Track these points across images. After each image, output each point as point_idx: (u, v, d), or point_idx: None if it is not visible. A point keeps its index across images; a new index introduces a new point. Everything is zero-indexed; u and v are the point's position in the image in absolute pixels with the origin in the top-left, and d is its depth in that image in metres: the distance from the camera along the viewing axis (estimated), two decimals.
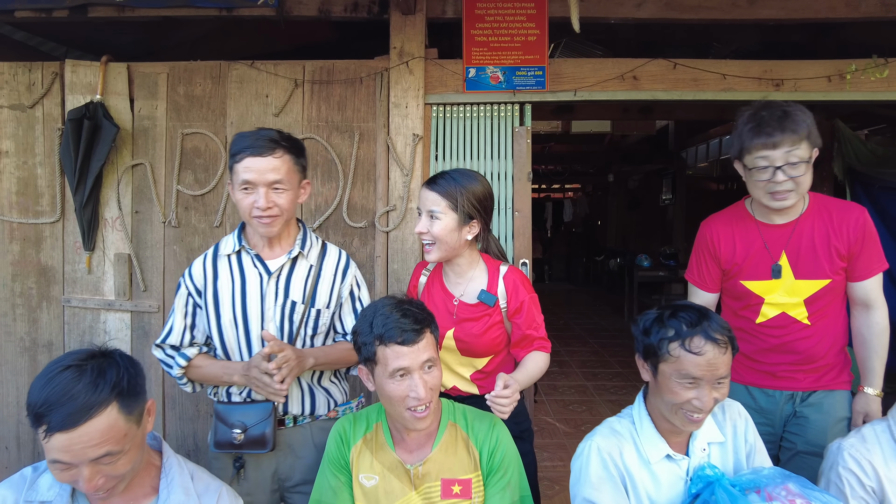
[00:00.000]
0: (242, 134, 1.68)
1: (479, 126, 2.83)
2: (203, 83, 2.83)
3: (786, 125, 1.72)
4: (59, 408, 1.12)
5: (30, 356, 2.89)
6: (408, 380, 1.43)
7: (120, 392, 1.17)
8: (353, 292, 1.86)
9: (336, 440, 1.60)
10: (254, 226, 1.69)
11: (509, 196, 2.81)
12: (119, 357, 1.24)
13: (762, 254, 1.90)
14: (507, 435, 1.59)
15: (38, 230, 2.86)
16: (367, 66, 2.81)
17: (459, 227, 1.78)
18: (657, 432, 1.50)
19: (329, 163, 2.82)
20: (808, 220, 1.87)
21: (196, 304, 1.78)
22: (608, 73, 2.84)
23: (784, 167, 1.74)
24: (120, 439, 1.17)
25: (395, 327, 1.43)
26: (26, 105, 2.82)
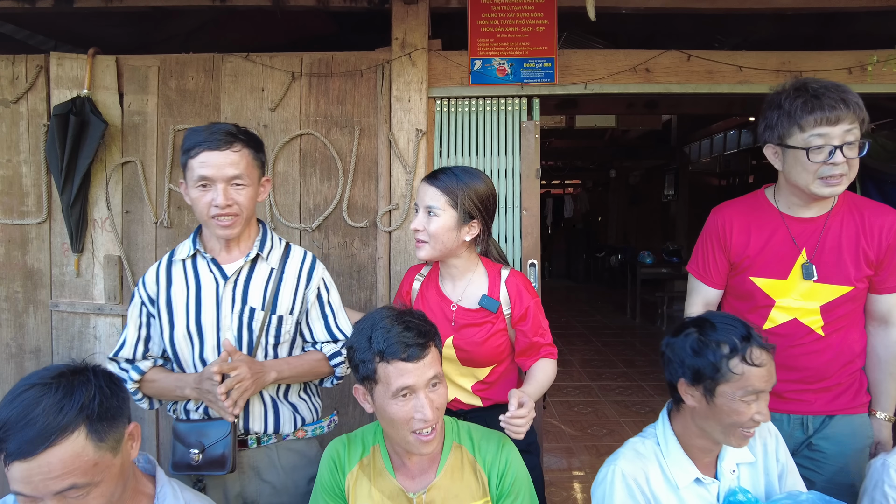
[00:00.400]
0: (195, 129, 1.56)
1: (485, 120, 2.71)
2: (196, 77, 2.70)
3: (849, 99, 1.56)
4: (16, 432, 0.99)
5: (16, 363, 2.77)
6: (412, 399, 1.30)
7: (89, 416, 1.04)
8: (322, 296, 1.72)
9: (329, 466, 1.46)
10: (211, 227, 1.57)
11: (517, 194, 2.70)
12: (95, 374, 1.10)
13: (784, 248, 1.71)
14: (517, 455, 1.47)
15: (24, 231, 2.73)
16: (367, 58, 2.69)
17: (458, 227, 1.67)
18: (685, 454, 1.39)
19: (328, 160, 2.69)
20: (837, 216, 1.69)
21: (150, 314, 1.65)
22: (619, 65, 2.72)
23: (843, 147, 1.55)
24: (88, 470, 1.03)
25: (398, 342, 1.29)
26: (10, 100, 2.69)
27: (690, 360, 1.32)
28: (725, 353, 1.29)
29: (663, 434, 1.42)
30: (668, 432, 1.42)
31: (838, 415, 1.71)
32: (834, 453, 1.71)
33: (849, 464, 1.69)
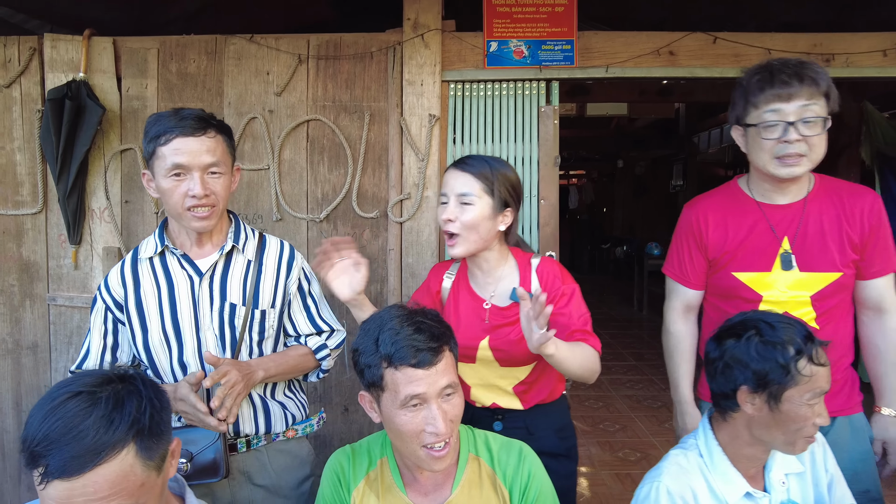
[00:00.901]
0: (160, 114, 1.44)
1: (502, 105, 2.58)
2: (198, 59, 2.57)
3: (804, 73, 1.49)
4: (61, 448, 0.87)
5: (13, 359, 2.66)
6: (423, 410, 1.17)
7: (140, 431, 0.93)
8: (302, 286, 1.63)
9: (332, 481, 1.33)
10: (185, 220, 1.44)
11: (534, 182, 2.57)
12: (143, 384, 0.99)
13: (764, 238, 1.62)
14: (540, 466, 1.35)
15: (19, 222, 2.61)
16: (377, 39, 2.55)
17: (494, 216, 1.55)
18: (732, 466, 1.28)
19: (337, 147, 2.57)
20: (815, 201, 1.61)
21: (117, 319, 1.53)
22: (642, 47, 2.59)
23: (798, 123, 1.49)
24: (134, 491, 0.92)
25: (408, 346, 1.16)
26: (2, 84, 2.56)
27: (757, 365, 1.20)
28: (792, 355, 1.18)
29: (706, 445, 1.31)
30: (711, 443, 1.31)
31: (838, 416, 1.61)
32: (840, 460, 1.59)
33: (858, 469, 1.58)
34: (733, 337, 1.25)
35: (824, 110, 1.50)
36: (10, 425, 2.67)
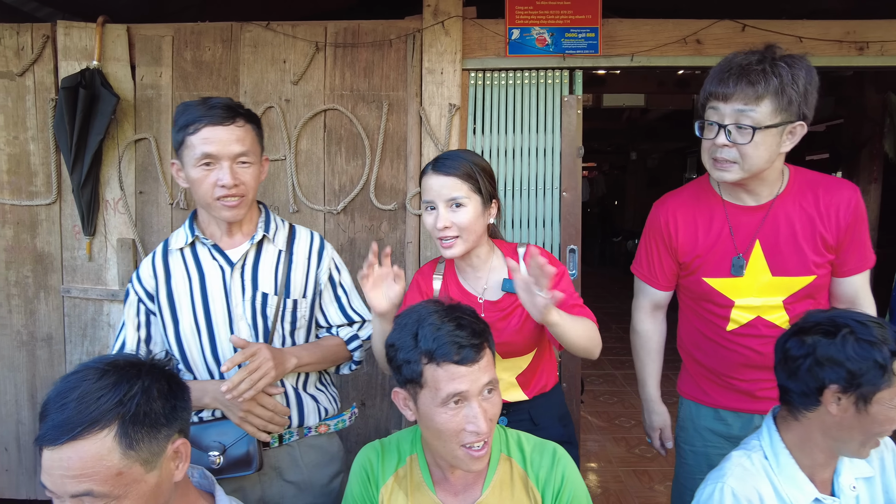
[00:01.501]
0: (188, 103, 1.41)
1: (523, 95, 2.52)
2: (213, 47, 2.52)
3: (745, 75, 1.36)
4: (51, 413, 0.89)
5: (28, 350, 2.64)
6: (464, 408, 1.13)
7: (123, 415, 0.89)
8: (333, 277, 1.61)
9: (360, 477, 1.30)
10: (216, 210, 1.43)
11: (556, 174, 2.51)
12: (148, 371, 0.96)
13: (728, 242, 1.54)
14: (574, 469, 1.31)
15: (33, 213, 2.58)
16: (396, 26, 2.49)
17: (483, 212, 1.51)
18: (800, 470, 1.22)
19: (354, 137, 2.51)
20: (786, 200, 1.51)
21: (149, 311, 1.51)
22: (668, 35, 2.52)
23: (729, 127, 1.39)
24: (109, 479, 0.88)
25: (450, 342, 1.12)
26: (15, 73, 2.52)
27: (853, 365, 1.13)
28: (886, 356, 1.12)
29: (771, 447, 1.25)
30: (777, 445, 1.25)
31: None
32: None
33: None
34: (823, 334, 1.17)
35: (769, 117, 1.36)
36: (25, 417, 2.66)
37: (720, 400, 1.63)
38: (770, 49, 1.40)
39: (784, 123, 1.38)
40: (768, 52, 1.39)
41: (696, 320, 1.64)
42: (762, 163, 1.42)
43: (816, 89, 1.40)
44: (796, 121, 1.39)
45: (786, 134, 1.41)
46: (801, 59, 1.39)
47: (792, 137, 1.42)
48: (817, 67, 2.51)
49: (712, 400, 1.64)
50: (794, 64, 1.37)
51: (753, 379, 1.57)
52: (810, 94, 1.39)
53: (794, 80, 1.35)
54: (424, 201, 1.52)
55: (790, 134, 1.41)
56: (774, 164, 1.46)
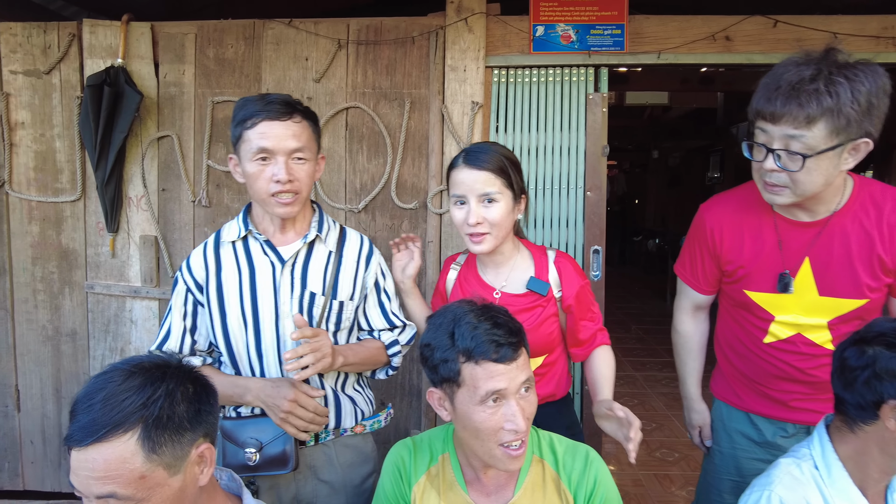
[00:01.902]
0: (248, 98, 1.43)
1: (548, 92, 2.48)
2: (235, 45, 2.52)
3: (795, 96, 1.20)
4: (78, 414, 0.89)
5: (53, 345, 2.67)
6: (502, 406, 1.13)
7: (146, 417, 0.89)
8: (379, 282, 1.61)
9: (393, 474, 1.31)
10: (269, 206, 1.43)
11: (580, 173, 2.47)
12: (179, 376, 0.95)
13: (775, 257, 1.45)
14: (607, 473, 1.30)
15: (59, 209, 2.61)
16: (419, 23, 2.47)
17: (514, 208, 1.51)
18: (853, 483, 1.17)
19: (376, 135, 2.50)
20: (844, 218, 1.38)
21: (197, 302, 1.51)
22: (696, 32, 2.46)
23: (779, 152, 1.26)
24: (132, 482, 0.88)
25: (489, 340, 1.13)
26: (42, 71, 2.54)
27: None
28: None
29: (823, 458, 1.20)
30: (830, 456, 1.19)
31: None
32: None
33: None
34: (885, 346, 1.11)
35: (825, 141, 1.22)
36: (50, 411, 2.69)
37: (753, 405, 1.59)
38: (828, 58, 1.23)
39: (842, 144, 1.24)
40: (825, 63, 1.22)
41: (735, 326, 1.59)
42: (817, 187, 1.30)
43: (887, 98, 1.24)
44: (859, 139, 1.24)
45: (847, 152, 1.27)
46: (865, 69, 1.22)
47: (856, 154, 1.28)
48: None
49: (745, 404, 1.60)
50: (857, 76, 1.20)
51: (788, 391, 1.52)
52: (876, 107, 1.22)
53: (854, 96, 1.19)
54: (454, 195, 1.50)
55: (853, 151, 1.27)
56: (837, 181, 1.35)
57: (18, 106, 2.57)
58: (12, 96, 2.56)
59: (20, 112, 2.57)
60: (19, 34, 2.54)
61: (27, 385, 2.69)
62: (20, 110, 2.57)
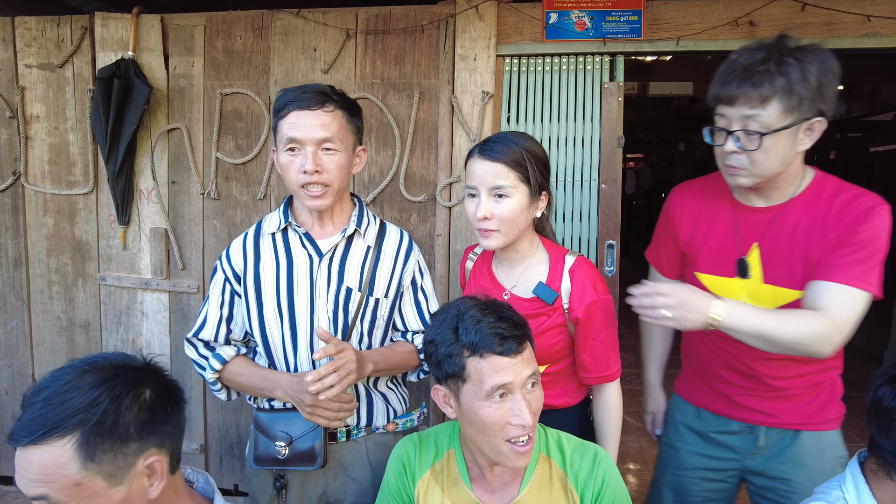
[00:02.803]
0: (287, 89, 1.42)
1: (561, 82, 2.40)
2: (244, 36, 2.49)
3: (749, 77, 1.25)
4: (24, 411, 0.86)
5: (67, 336, 2.70)
6: (508, 401, 1.12)
7: (84, 423, 0.84)
8: (416, 280, 1.58)
9: (398, 468, 1.30)
10: (301, 198, 1.42)
11: (594, 165, 2.39)
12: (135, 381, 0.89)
13: (728, 241, 1.45)
14: (615, 472, 1.26)
15: (72, 202, 2.63)
16: (429, 12, 2.41)
17: (530, 205, 1.41)
18: None
19: (385, 126, 2.45)
20: (796, 207, 1.38)
21: (234, 291, 1.51)
22: (718, 17, 2.35)
23: (738, 133, 1.29)
24: (66, 488, 0.84)
25: (493, 333, 1.11)
26: (55, 64, 2.56)
27: None
28: None
29: (856, 491, 1.10)
30: (863, 491, 1.09)
31: (803, 430, 1.46)
32: (800, 481, 1.45)
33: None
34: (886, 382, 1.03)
35: (780, 119, 1.25)
36: None
37: (702, 399, 1.59)
38: (779, 42, 1.29)
39: (796, 124, 1.27)
40: (775, 48, 1.27)
41: None
42: (775, 167, 1.31)
43: (836, 80, 1.27)
44: (812, 118, 1.27)
45: (802, 132, 1.29)
46: (815, 50, 1.27)
47: (811, 134, 1.30)
48: (888, 50, 2.33)
49: (695, 398, 1.61)
50: (805, 57, 1.25)
51: (732, 383, 1.51)
52: (826, 86, 1.26)
53: (804, 76, 1.23)
54: (467, 185, 1.44)
55: (808, 131, 1.29)
56: (794, 165, 1.36)
57: (33, 99, 2.59)
58: (27, 90, 2.59)
59: (35, 105, 2.59)
60: (34, 28, 2.56)
61: (43, 375, 2.72)
62: (35, 104, 2.59)
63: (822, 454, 1.46)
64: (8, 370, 2.73)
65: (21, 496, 2.73)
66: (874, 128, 7.28)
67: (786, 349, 1.29)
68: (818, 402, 1.47)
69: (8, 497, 2.74)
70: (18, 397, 2.73)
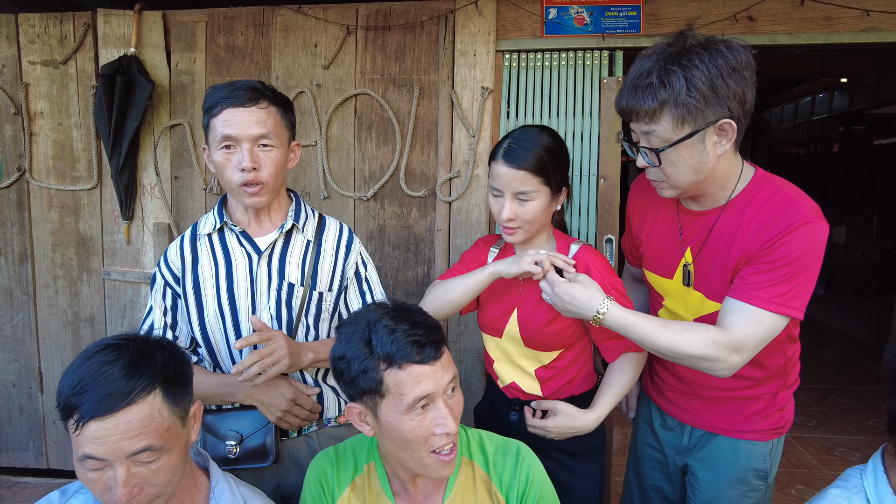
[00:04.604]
0: (217, 86, 1.39)
1: (560, 77, 2.41)
2: (245, 32, 2.51)
3: (634, 92, 1.18)
4: (93, 390, 0.93)
5: (73, 330, 2.73)
6: (430, 411, 1.06)
7: (165, 378, 1.00)
8: (360, 272, 1.56)
9: (315, 489, 1.21)
10: (238, 196, 1.39)
11: (594, 160, 2.40)
12: (165, 342, 1.06)
13: (671, 241, 1.41)
14: (539, 468, 1.23)
15: (76, 197, 2.66)
16: (428, 7, 2.42)
17: (552, 202, 1.45)
18: None
19: (385, 122, 2.47)
20: (728, 212, 1.30)
21: (176, 295, 1.47)
22: (717, 12, 2.36)
23: (642, 148, 1.24)
24: (162, 433, 0.97)
25: (409, 342, 1.04)
26: (59, 61, 2.58)
27: None
28: None
29: (875, 490, 1.09)
30: (883, 488, 1.09)
31: (720, 435, 1.43)
32: (706, 481, 1.45)
33: (719, 497, 1.42)
34: None
35: (674, 131, 1.17)
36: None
37: (649, 391, 1.61)
38: (674, 44, 1.17)
39: (696, 132, 1.17)
40: (664, 54, 1.17)
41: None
42: (689, 178, 1.23)
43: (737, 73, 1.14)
44: (718, 120, 1.16)
45: (711, 137, 1.19)
46: (703, 49, 1.14)
47: (724, 135, 1.19)
48: (888, 44, 2.33)
49: (647, 390, 1.62)
50: (692, 61, 1.13)
51: (664, 379, 1.52)
52: (722, 87, 1.13)
53: (689, 83, 1.12)
54: (491, 185, 1.46)
55: (720, 133, 1.19)
56: (718, 169, 1.25)
57: (37, 96, 2.62)
58: (31, 86, 2.61)
59: (39, 102, 2.62)
60: (37, 25, 2.58)
61: (49, 368, 2.77)
62: (39, 100, 2.62)
63: (736, 461, 1.42)
64: (14, 363, 2.77)
65: (29, 487, 2.78)
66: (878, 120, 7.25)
67: (680, 362, 1.27)
68: (745, 412, 1.41)
69: (16, 488, 2.78)
70: (25, 390, 2.77)
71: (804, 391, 4.09)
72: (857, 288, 7.19)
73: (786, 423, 1.45)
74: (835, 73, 4.79)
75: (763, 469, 1.42)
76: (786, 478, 2.99)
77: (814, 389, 4.23)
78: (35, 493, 2.72)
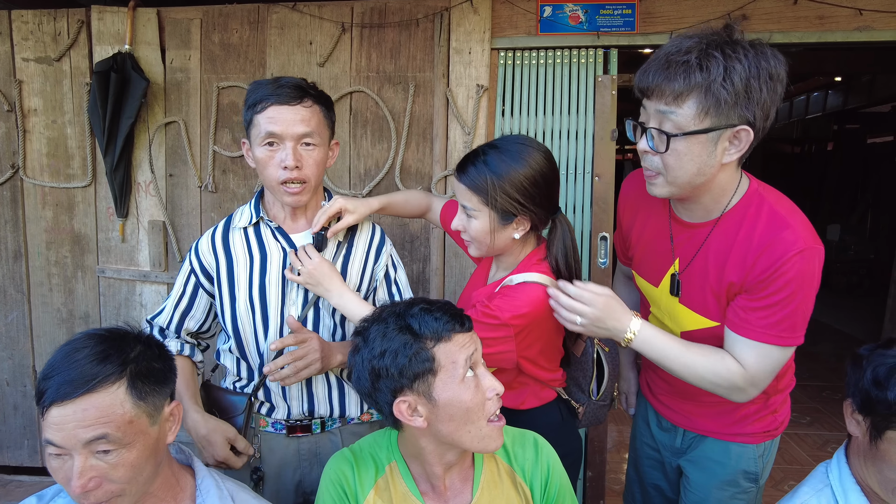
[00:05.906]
0: (261, 81, 1.39)
1: (555, 75, 2.42)
2: (240, 29, 2.51)
3: (665, 68, 1.09)
4: (58, 374, 0.94)
5: (67, 328, 2.73)
6: (478, 377, 1.09)
7: (135, 371, 0.98)
8: (389, 274, 1.57)
9: (335, 493, 1.16)
10: (279, 194, 1.40)
11: (588, 158, 2.41)
12: (146, 339, 1.05)
13: (661, 247, 1.36)
14: (556, 457, 1.24)
15: (71, 195, 2.65)
16: (424, 5, 2.42)
17: (500, 228, 1.34)
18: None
19: (380, 120, 2.47)
20: (722, 228, 1.23)
21: (199, 285, 1.49)
22: (712, 10, 2.37)
23: (651, 130, 1.15)
24: (122, 425, 0.95)
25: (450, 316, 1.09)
26: (52, 58, 2.57)
27: (872, 389, 1.02)
28: None
29: (840, 483, 1.11)
30: (846, 480, 1.11)
31: (710, 437, 1.42)
32: (696, 482, 1.44)
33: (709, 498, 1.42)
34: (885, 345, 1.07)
35: (694, 121, 1.09)
36: None
37: (645, 391, 1.61)
38: (718, 33, 1.11)
39: (715, 129, 1.10)
40: (708, 38, 1.09)
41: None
42: (689, 175, 1.16)
43: (773, 85, 1.09)
44: (737, 125, 1.09)
45: (724, 141, 1.12)
46: (753, 46, 1.08)
47: (737, 144, 1.13)
48: (881, 43, 2.35)
49: (644, 390, 1.62)
50: (736, 53, 1.06)
51: (655, 382, 1.53)
52: (756, 91, 1.07)
53: (726, 74, 1.05)
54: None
55: (734, 140, 1.12)
56: (717, 179, 1.19)
57: (31, 93, 2.61)
58: (25, 83, 2.60)
59: (33, 99, 2.61)
60: (30, 21, 2.57)
61: (43, 366, 2.76)
62: (32, 97, 2.61)
63: (726, 463, 1.40)
64: (9, 361, 2.76)
65: (24, 485, 2.77)
66: (872, 119, 7.29)
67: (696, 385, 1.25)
68: (736, 415, 1.38)
69: (11, 486, 2.78)
70: (19, 388, 2.76)
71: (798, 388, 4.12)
72: (851, 285, 7.23)
73: (779, 426, 1.43)
74: (829, 71, 4.81)
75: (753, 471, 1.41)
76: (779, 474, 3.01)
77: (807, 386, 4.26)
78: (30, 491, 2.71)
